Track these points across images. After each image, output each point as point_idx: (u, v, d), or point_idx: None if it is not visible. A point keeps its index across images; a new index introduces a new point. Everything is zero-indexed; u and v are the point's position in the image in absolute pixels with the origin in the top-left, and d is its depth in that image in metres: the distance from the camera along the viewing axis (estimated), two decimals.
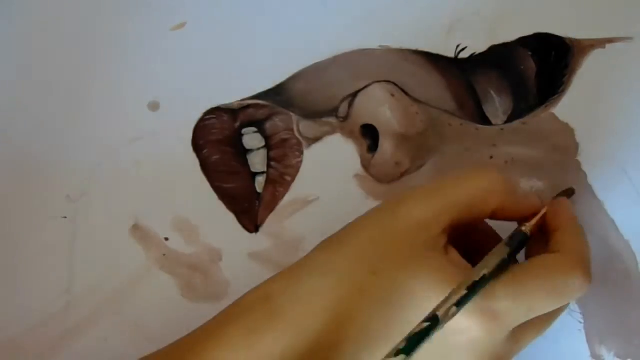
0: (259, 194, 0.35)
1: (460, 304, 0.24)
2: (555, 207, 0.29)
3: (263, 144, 0.35)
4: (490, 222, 0.30)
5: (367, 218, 0.28)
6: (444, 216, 0.26)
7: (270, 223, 0.35)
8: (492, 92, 0.35)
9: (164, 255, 0.35)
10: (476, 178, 0.27)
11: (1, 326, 0.34)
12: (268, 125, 0.35)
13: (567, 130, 0.34)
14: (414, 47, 0.35)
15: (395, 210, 0.27)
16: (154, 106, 0.35)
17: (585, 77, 0.34)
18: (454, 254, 0.27)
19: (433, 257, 0.26)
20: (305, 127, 0.35)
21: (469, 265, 0.26)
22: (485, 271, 0.25)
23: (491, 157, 0.34)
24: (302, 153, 0.35)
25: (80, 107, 0.35)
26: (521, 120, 0.35)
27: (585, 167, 0.34)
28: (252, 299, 0.27)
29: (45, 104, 0.36)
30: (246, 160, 0.35)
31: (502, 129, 0.35)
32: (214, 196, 0.35)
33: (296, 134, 0.35)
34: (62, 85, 0.36)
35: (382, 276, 0.26)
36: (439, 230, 0.26)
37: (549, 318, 0.28)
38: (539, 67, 0.35)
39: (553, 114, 0.35)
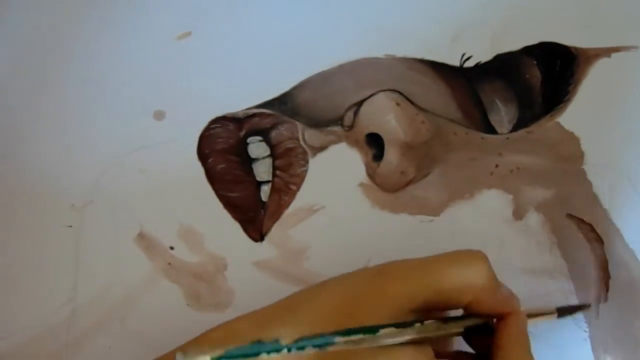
0: (264, 202, 0.35)
1: None
2: (509, 322, 0.28)
3: (268, 152, 0.35)
4: None
5: (346, 278, 0.28)
6: (418, 297, 0.26)
7: (276, 232, 0.34)
8: (498, 101, 0.35)
9: (169, 264, 0.34)
10: (464, 267, 0.26)
11: (6, 334, 0.34)
12: (273, 134, 0.35)
13: (573, 139, 0.34)
14: (419, 56, 0.35)
15: (372, 281, 0.27)
16: (159, 115, 0.35)
17: (591, 86, 0.34)
18: None
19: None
20: (310, 135, 0.35)
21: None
22: None
23: (496, 166, 0.34)
24: (307, 162, 0.35)
25: (86, 115, 0.35)
26: (526, 129, 0.35)
27: (590, 176, 0.34)
28: None
29: (51, 111, 0.36)
30: (251, 169, 0.35)
31: (507, 138, 0.35)
32: (219, 205, 0.35)
33: (301, 142, 0.35)
34: (67, 93, 0.36)
35: None
36: (409, 309, 0.26)
37: None
38: (544, 76, 0.35)
39: (558, 123, 0.35)
